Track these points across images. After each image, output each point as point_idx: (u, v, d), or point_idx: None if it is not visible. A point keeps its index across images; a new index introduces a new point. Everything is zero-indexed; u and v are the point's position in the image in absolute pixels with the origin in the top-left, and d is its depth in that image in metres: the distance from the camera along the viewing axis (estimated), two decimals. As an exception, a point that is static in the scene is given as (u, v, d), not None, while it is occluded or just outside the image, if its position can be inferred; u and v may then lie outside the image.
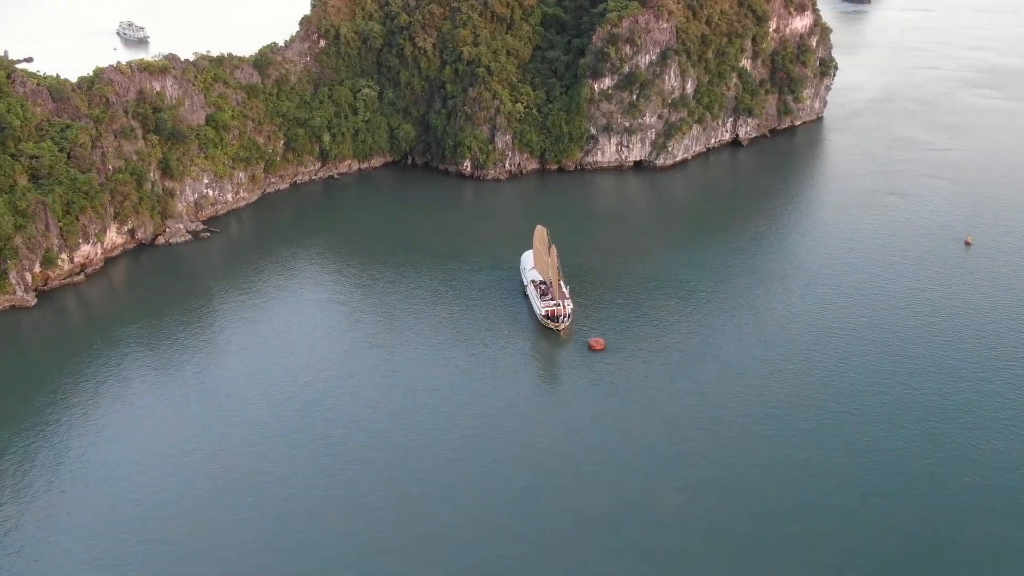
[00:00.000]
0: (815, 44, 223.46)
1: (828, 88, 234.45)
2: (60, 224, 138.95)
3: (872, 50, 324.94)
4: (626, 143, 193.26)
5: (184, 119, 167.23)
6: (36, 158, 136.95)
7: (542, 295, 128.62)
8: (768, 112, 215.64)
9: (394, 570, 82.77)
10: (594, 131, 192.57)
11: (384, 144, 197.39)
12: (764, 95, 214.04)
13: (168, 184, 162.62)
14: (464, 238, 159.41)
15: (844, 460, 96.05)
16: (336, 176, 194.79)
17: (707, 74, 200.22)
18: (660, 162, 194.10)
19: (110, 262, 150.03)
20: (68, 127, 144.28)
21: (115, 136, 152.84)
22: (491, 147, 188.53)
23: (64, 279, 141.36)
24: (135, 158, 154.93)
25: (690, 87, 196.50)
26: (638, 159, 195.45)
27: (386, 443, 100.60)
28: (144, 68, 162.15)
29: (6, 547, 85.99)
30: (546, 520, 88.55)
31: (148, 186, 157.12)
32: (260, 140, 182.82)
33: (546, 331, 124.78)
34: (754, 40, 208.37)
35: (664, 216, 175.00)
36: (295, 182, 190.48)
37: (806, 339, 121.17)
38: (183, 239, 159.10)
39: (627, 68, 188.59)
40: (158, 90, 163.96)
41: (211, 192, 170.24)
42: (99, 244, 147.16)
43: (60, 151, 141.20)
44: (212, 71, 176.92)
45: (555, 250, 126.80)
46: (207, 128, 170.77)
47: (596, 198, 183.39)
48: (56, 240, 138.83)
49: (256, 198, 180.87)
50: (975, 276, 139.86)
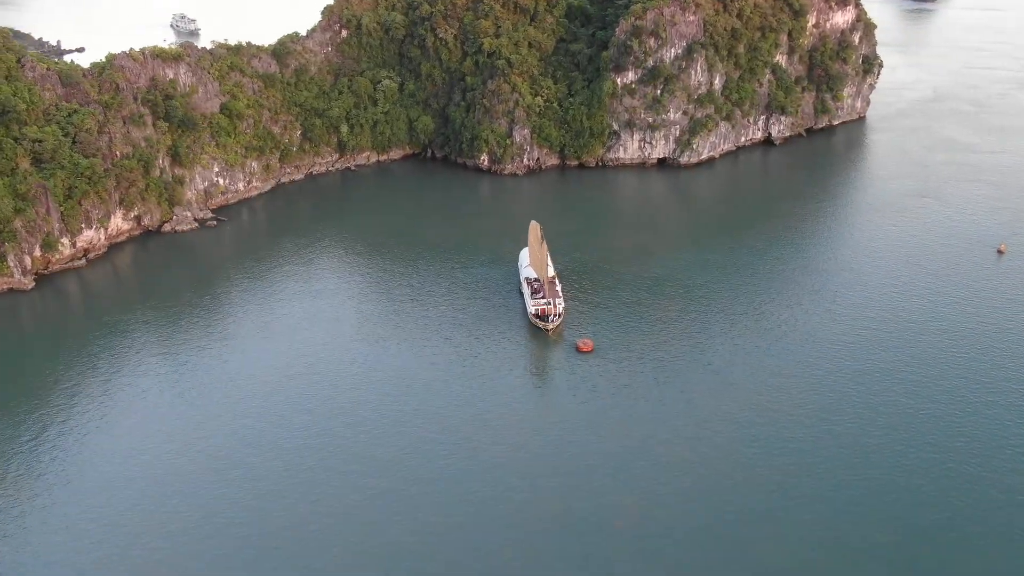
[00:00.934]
0: (857, 40, 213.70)
1: (872, 87, 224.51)
2: (61, 208, 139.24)
3: (929, 49, 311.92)
4: (649, 139, 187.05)
5: (197, 107, 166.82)
6: (39, 142, 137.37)
7: (534, 293, 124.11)
8: (804, 111, 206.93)
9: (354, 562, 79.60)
10: (616, 127, 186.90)
11: (403, 136, 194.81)
12: (800, 93, 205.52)
13: (178, 172, 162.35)
14: (471, 232, 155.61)
15: (827, 486, 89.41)
16: (353, 168, 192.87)
17: (737, 69, 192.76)
18: (684, 160, 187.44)
19: (115, 248, 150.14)
20: (75, 112, 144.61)
21: (124, 122, 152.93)
22: (509, 141, 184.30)
23: (66, 263, 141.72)
24: (143, 145, 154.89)
25: (718, 83, 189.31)
26: (662, 156, 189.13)
27: (344, 441, 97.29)
28: (157, 55, 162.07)
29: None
30: (486, 525, 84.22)
31: (156, 173, 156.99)
32: (276, 130, 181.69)
33: (536, 330, 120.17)
34: (790, 35, 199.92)
35: (681, 215, 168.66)
36: (311, 173, 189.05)
37: (809, 348, 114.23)
38: (189, 227, 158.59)
39: (651, 62, 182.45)
40: (171, 77, 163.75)
41: (222, 181, 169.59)
42: (102, 229, 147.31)
43: (65, 136, 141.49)
44: (229, 59, 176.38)
45: (546, 247, 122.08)
46: (220, 116, 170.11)
47: (613, 195, 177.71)
48: (57, 224, 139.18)
49: (270, 188, 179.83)
50: (1004, 286, 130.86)
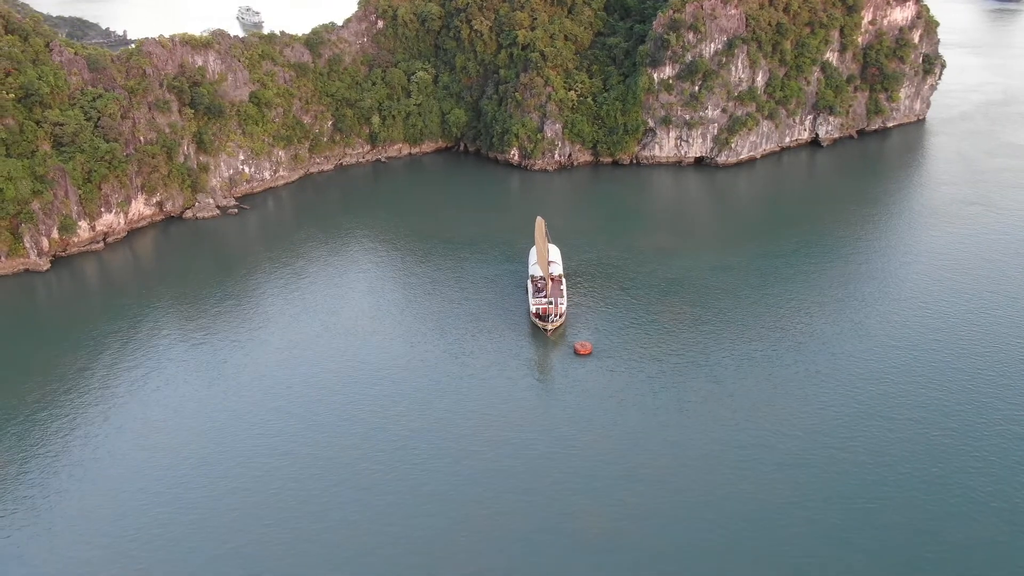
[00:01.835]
0: (917, 39, 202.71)
1: (933, 88, 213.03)
2: (79, 192, 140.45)
3: (1006, 50, 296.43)
4: (686, 137, 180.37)
5: (226, 95, 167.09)
6: (60, 125, 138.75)
7: (537, 291, 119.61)
8: (855, 111, 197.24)
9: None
10: (652, 123, 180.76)
11: (435, 129, 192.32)
12: (852, 92, 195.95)
13: (202, 159, 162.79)
14: (490, 228, 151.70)
15: (820, 519, 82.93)
16: (384, 159, 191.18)
17: (783, 67, 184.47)
18: (722, 159, 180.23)
19: (135, 233, 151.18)
20: (99, 97, 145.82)
21: (148, 108, 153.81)
22: (540, 136, 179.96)
23: (84, 246, 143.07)
24: (168, 131, 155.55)
25: (760, 80, 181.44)
26: (699, 155, 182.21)
27: (324, 437, 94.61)
28: (186, 42, 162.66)
29: (15, 511, 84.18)
30: (442, 529, 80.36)
31: (180, 159, 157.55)
32: (307, 120, 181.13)
33: (537, 330, 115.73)
34: (842, 32, 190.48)
35: (711, 217, 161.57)
36: (341, 164, 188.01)
37: (826, 362, 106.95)
38: (210, 214, 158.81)
39: (689, 57, 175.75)
40: (199, 64, 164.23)
41: (247, 169, 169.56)
42: (122, 214, 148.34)
43: (87, 120, 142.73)
44: (260, 48, 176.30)
45: (548, 244, 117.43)
46: (248, 105, 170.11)
47: (643, 194, 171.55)
48: (75, 207, 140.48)
49: (297, 177, 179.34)
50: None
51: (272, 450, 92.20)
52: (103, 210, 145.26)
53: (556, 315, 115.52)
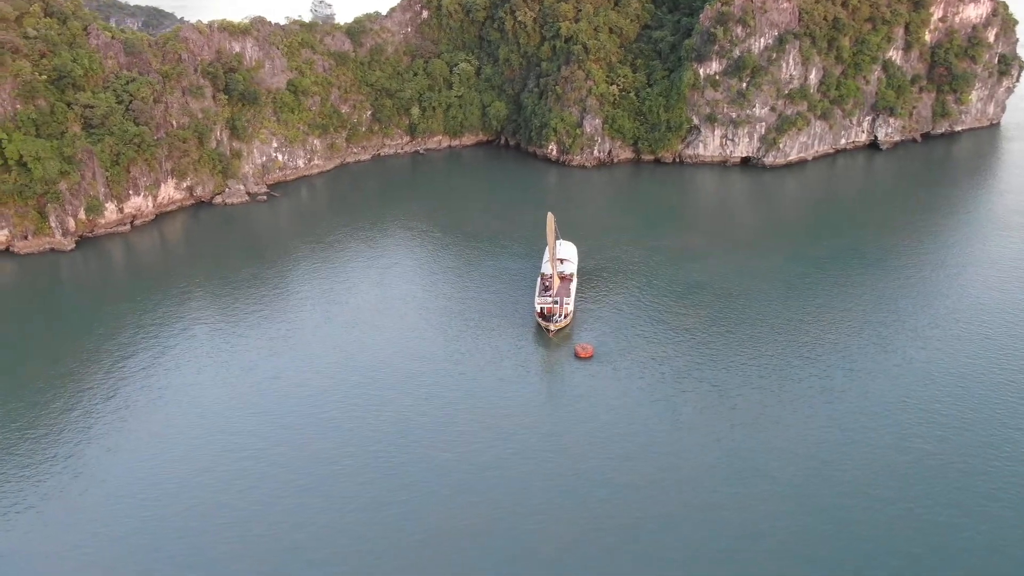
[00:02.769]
0: (992, 37, 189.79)
1: (1010, 90, 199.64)
2: (107, 174, 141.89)
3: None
4: (731, 136, 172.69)
5: (262, 82, 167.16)
6: (90, 107, 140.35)
7: (544, 290, 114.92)
8: (919, 113, 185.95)
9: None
10: (696, 121, 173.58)
11: (476, 122, 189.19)
12: (917, 93, 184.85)
13: (235, 145, 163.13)
14: (515, 223, 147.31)
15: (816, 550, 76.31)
16: (422, 151, 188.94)
17: (839, 64, 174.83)
18: (769, 160, 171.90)
19: (164, 216, 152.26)
20: (133, 80, 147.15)
21: (182, 93, 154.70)
22: (579, 131, 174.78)
23: (112, 228, 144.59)
24: (200, 116, 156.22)
25: (814, 77, 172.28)
26: (745, 155, 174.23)
27: (309, 430, 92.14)
28: (224, 28, 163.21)
29: (34, 497, 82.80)
30: (397, 540, 76.64)
31: (212, 145, 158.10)
32: (345, 109, 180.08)
33: (541, 330, 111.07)
34: (907, 28, 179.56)
35: (749, 219, 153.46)
36: (379, 154, 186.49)
37: (843, 380, 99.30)
38: (239, 200, 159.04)
39: (737, 52, 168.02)
40: (236, 51, 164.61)
41: (280, 156, 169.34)
42: (150, 197, 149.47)
43: (118, 103, 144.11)
44: (300, 36, 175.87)
45: (556, 243, 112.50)
46: (285, 93, 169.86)
47: (681, 194, 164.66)
48: (102, 189, 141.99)
49: (333, 166, 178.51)
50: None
51: (240, 449, 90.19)
52: (131, 192, 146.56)
53: (561, 315, 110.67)
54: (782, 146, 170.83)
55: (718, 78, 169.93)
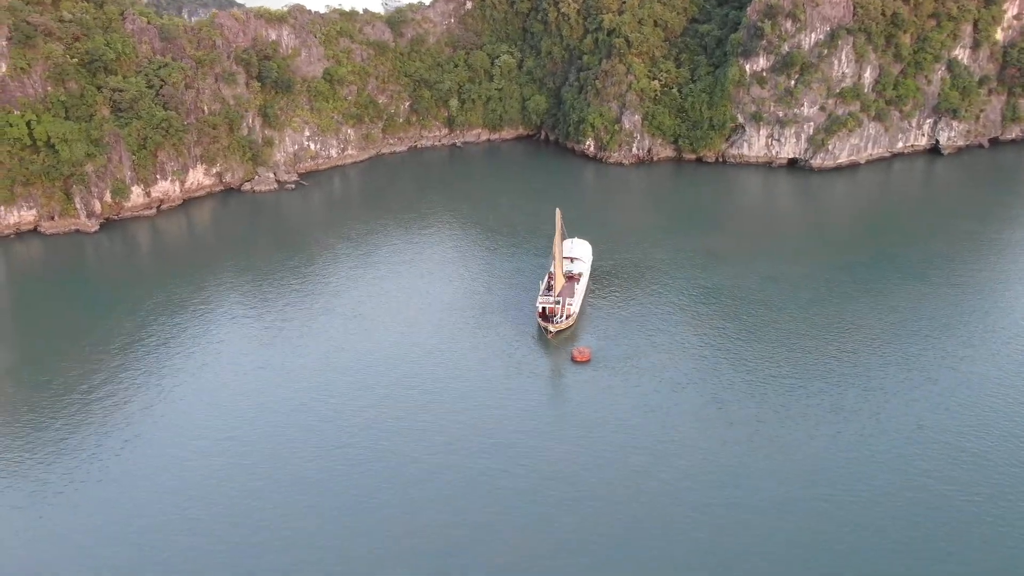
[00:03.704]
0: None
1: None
2: (133, 157, 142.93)
3: None
4: (778, 136, 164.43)
5: (298, 70, 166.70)
6: (119, 91, 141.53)
7: (548, 289, 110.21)
8: (987, 117, 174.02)
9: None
10: (741, 119, 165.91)
11: (516, 115, 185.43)
12: (985, 95, 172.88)
13: (267, 133, 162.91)
14: (540, 219, 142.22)
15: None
16: (460, 144, 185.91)
17: (898, 63, 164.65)
18: (817, 162, 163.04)
19: (192, 201, 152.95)
20: (165, 66, 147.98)
21: (215, 79, 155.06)
22: (617, 127, 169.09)
23: (139, 211, 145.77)
24: (232, 103, 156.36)
25: (868, 76, 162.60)
26: (792, 156, 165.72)
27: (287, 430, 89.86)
28: (260, 16, 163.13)
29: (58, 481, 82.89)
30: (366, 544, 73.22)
31: (244, 132, 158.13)
32: (382, 99, 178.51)
33: (542, 331, 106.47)
34: (976, 26, 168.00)
35: (786, 222, 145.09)
36: (416, 146, 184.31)
37: (850, 396, 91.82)
38: (268, 188, 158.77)
39: (786, 47, 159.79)
40: (273, 39, 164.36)
41: (313, 145, 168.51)
42: (178, 182, 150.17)
43: (149, 87, 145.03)
44: (339, 25, 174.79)
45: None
46: (320, 81, 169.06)
47: (720, 195, 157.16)
48: (128, 172, 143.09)
49: (367, 157, 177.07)
50: None
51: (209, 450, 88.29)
52: (158, 177, 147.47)
53: (562, 316, 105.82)
54: (831, 148, 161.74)
55: (765, 75, 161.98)
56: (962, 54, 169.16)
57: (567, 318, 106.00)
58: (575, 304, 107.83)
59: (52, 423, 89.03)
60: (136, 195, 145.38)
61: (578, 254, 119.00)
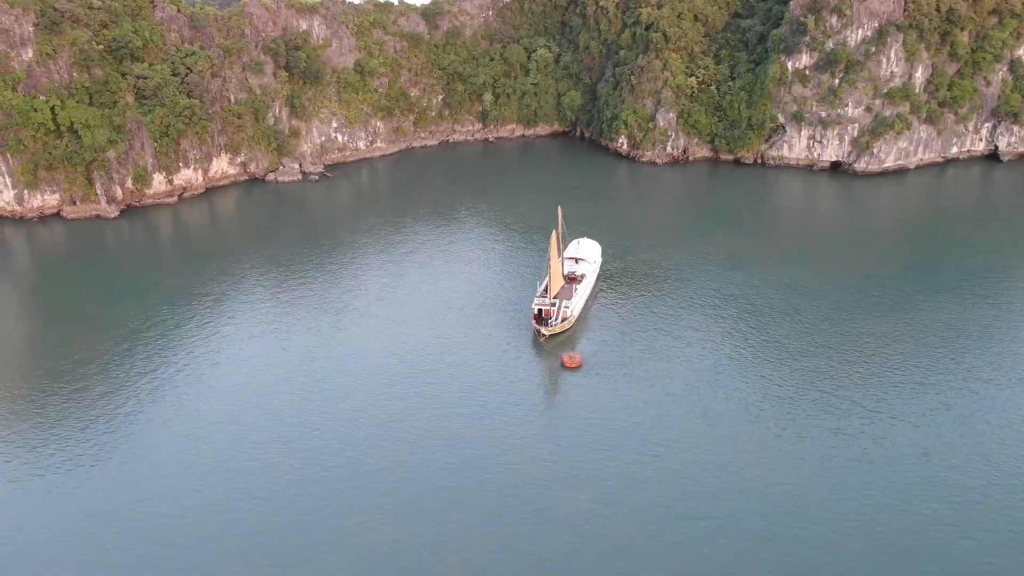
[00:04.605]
0: None
1: None
2: (155, 145, 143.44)
3: None
4: (820, 137, 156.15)
5: (329, 60, 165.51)
6: (143, 78, 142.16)
7: (545, 291, 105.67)
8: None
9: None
10: (782, 119, 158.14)
11: (551, 111, 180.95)
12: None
13: (294, 123, 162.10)
14: (553, 217, 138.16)
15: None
16: (492, 139, 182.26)
17: (954, 62, 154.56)
18: (861, 166, 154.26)
19: (214, 190, 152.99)
20: (192, 54, 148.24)
21: (242, 68, 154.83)
22: (651, 125, 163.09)
23: (160, 199, 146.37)
24: (258, 92, 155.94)
25: (920, 75, 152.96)
26: (835, 159, 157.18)
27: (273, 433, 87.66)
28: (291, 5, 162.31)
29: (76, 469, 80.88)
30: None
31: (270, 121, 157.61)
32: (414, 92, 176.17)
33: (537, 333, 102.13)
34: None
35: (818, 228, 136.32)
36: (448, 140, 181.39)
37: (852, 419, 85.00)
38: (292, 179, 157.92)
39: (830, 44, 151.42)
40: (304, 28, 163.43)
41: (340, 137, 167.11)
42: (201, 170, 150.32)
43: (174, 75, 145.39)
44: (372, 16, 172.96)
45: (557, 239, 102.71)
46: (350, 73, 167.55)
47: (755, 198, 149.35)
48: (150, 159, 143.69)
49: (396, 150, 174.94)
50: None
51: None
52: (181, 165, 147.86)
53: (557, 318, 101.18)
54: (876, 151, 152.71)
55: (807, 73, 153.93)
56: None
57: (563, 321, 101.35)
58: (573, 306, 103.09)
59: (56, 403, 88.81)
60: (158, 182, 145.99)
61: (584, 254, 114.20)
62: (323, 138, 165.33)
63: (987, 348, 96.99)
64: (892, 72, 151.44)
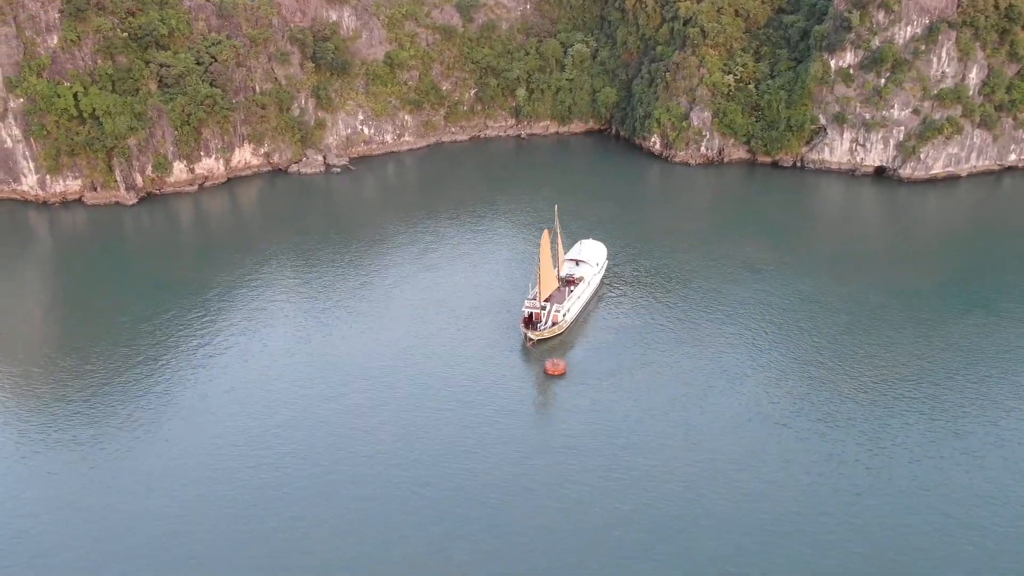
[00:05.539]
0: None
1: None
2: (176, 133, 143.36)
3: None
4: (863, 140, 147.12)
5: (358, 52, 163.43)
6: (166, 66, 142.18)
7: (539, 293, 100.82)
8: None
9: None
10: (823, 120, 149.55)
11: (586, 108, 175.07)
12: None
13: (320, 115, 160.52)
14: (576, 217, 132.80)
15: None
16: (524, 136, 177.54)
17: (1013, 62, 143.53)
18: (906, 172, 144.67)
19: (236, 180, 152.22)
20: (217, 43, 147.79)
21: (268, 58, 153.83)
22: (685, 124, 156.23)
23: (180, 187, 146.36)
24: (284, 83, 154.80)
25: (974, 76, 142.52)
26: (879, 164, 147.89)
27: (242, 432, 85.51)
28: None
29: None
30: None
31: (295, 112, 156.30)
32: (446, 86, 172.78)
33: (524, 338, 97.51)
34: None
35: (855, 237, 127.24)
36: (479, 136, 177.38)
37: (846, 447, 78.35)
38: (314, 171, 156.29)
39: (877, 41, 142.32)
40: (333, 19, 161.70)
41: (366, 130, 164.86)
42: (222, 160, 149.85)
43: (198, 64, 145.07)
44: (404, 8, 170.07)
45: (549, 238, 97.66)
46: (380, 65, 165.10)
47: (788, 203, 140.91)
48: (171, 147, 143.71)
49: (425, 144, 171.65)
50: None
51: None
52: (202, 154, 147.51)
53: (547, 323, 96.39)
54: (923, 156, 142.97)
55: (851, 72, 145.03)
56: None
57: (553, 325, 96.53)
58: (566, 310, 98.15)
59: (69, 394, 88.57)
60: (179, 171, 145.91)
61: (586, 256, 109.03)
62: (349, 130, 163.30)
63: (1011, 375, 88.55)
64: (943, 72, 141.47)
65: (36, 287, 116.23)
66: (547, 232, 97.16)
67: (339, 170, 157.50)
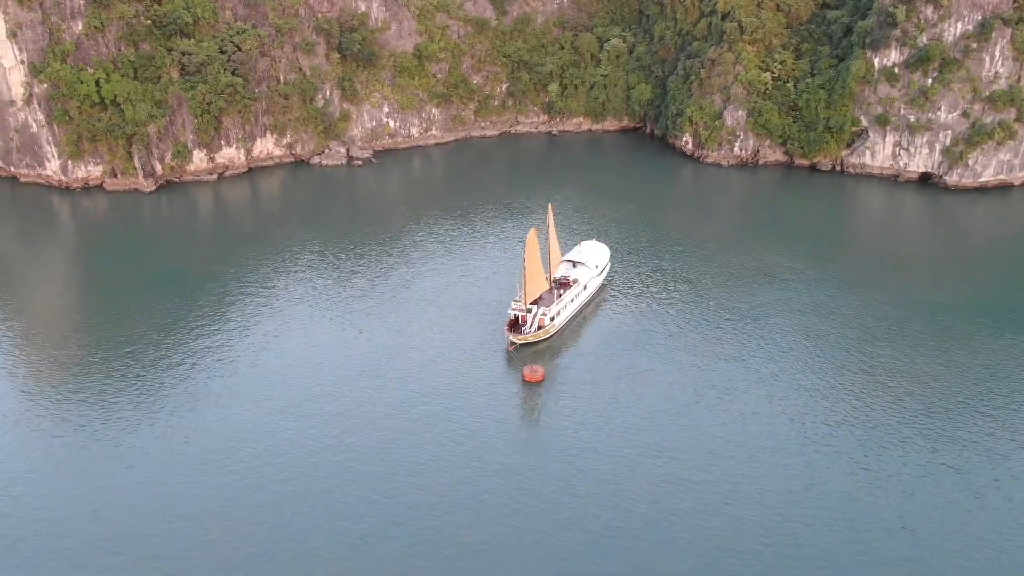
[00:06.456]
0: None
1: None
2: (196, 121, 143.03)
3: None
4: (906, 144, 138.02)
5: (387, 44, 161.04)
6: (188, 54, 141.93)
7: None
8: None
9: None
10: (865, 122, 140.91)
11: (620, 105, 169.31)
12: None
13: (345, 106, 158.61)
14: (593, 218, 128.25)
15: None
16: (555, 133, 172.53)
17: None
18: (953, 179, 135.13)
19: (257, 170, 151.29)
20: (242, 32, 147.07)
21: (293, 48, 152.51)
22: (718, 123, 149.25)
23: (200, 176, 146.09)
24: (308, 73, 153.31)
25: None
26: (924, 170, 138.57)
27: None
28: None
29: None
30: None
31: (319, 103, 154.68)
32: (476, 80, 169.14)
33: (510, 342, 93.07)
34: None
35: (885, 247, 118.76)
36: (509, 132, 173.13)
37: (840, 475, 71.85)
38: (335, 163, 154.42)
39: (924, 39, 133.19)
40: (362, 10, 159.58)
41: (392, 123, 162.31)
42: (243, 149, 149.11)
43: (221, 53, 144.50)
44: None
45: (534, 239, 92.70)
46: (408, 57, 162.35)
47: (820, 209, 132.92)
48: (191, 136, 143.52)
49: (453, 139, 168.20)
50: None
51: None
52: (222, 143, 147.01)
53: (532, 326, 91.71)
54: (972, 163, 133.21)
55: (896, 71, 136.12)
56: None
57: (539, 329, 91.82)
58: (554, 314, 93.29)
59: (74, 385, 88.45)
60: (199, 159, 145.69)
61: (585, 258, 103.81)
62: (374, 123, 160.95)
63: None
64: (996, 73, 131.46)
65: (56, 271, 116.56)
66: (534, 231, 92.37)
67: (360, 163, 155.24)
